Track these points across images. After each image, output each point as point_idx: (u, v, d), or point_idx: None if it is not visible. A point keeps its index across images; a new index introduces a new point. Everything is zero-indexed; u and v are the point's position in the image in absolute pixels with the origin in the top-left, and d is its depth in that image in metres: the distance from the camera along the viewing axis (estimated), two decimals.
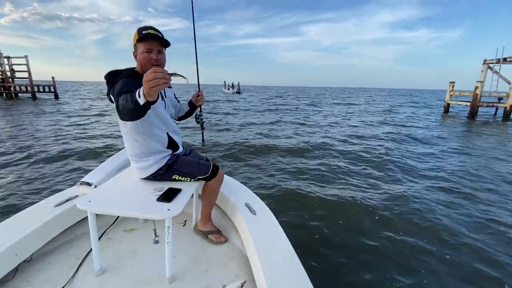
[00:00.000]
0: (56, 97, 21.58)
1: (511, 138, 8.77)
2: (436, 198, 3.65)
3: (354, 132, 9.16)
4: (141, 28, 1.32)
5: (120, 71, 1.36)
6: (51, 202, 1.57)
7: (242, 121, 11.18)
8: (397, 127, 10.54)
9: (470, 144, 7.63)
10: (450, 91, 16.64)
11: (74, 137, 7.20)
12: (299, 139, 7.50)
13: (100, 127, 9.01)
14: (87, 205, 1.15)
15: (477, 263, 2.32)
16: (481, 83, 14.67)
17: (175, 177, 1.45)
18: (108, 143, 6.49)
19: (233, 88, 42.90)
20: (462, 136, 9.05)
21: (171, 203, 1.20)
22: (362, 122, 12.01)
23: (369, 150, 6.41)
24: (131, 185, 1.41)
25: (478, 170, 4.98)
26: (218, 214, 1.82)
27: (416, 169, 5.03)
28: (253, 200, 1.69)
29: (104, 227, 1.65)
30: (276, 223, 1.44)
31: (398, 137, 8.25)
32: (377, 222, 2.97)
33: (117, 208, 1.17)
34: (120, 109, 1.09)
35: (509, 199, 3.68)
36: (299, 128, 9.74)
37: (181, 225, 1.77)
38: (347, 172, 4.66)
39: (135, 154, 1.42)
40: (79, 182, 1.64)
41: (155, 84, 0.91)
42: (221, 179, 1.57)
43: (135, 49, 1.36)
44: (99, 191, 1.31)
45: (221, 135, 7.98)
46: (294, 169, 4.69)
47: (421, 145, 7.37)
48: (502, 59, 14.40)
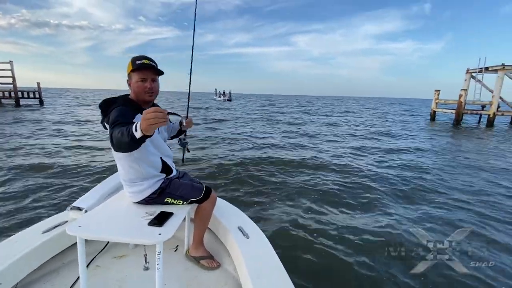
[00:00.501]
0: (41, 104, 20.99)
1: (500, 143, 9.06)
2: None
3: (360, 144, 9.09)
4: (135, 58, 1.35)
5: (115, 99, 1.38)
6: (39, 228, 1.52)
7: (234, 130, 11.02)
8: (391, 138, 10.65)
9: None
10: (435, 99, 17.14)
11: (58, 149, 6.85)
12: (294, 152, 7.19)
13: (86, 139, 8.70)
14: (77, 230, 1.12)
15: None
16: (465, 91, 15.19)
17: (168, 200, 1.44)
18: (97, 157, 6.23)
19: (224, 95, 43.00)
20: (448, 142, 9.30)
21: (162, 227, 1.17)
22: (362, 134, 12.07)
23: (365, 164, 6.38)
24: (122, 210, 1.39)
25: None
26: (210, 238, 1.79)
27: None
28: (246, 223, 1.66)
29: (93, 254, 1.59)
30: (270, 247, 1.42)
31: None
32: (375, 245, 2.71)
33: (107, 233, 1.14)
34: (115, 142, 1.09)
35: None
36: (293, 138, 9.64)
37: (172, 250, 1.73)
38: (344, 191, 4.31)
39: (129, 179, 1.42)
40: (70, 207, 1.60)
41: (155, 122, 0.96)
42: (214, 202, 1.57)
43: (129, 78, 1.39)
44: (90, 216, 1.28)
45: (210, 149, 7.61)
46: (289, 188, 4.35)
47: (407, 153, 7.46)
48: (484, 68, 14.98)
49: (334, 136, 10.04)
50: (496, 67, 14.30)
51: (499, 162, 6.33)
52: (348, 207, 3.62)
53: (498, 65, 14.17)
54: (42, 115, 14.31)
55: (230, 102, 38.77)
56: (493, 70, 14.62)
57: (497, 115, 14.64)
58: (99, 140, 7.94)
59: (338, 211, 3.52)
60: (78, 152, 6.39)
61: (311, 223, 3.17)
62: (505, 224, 3.03)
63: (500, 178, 5.06)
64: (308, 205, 3.65)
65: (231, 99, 41.89)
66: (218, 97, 44.77)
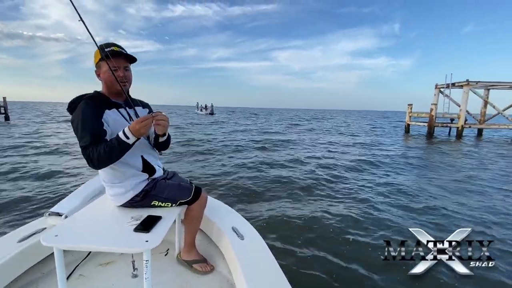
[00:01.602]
0: (6, 119, 19.54)
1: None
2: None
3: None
4: (103, 46, 1.22)
5: (83, 96, 1.26)
6: (14, 237, 1.40)
7: (224, 138, 10.89)
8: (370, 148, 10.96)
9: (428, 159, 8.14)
10: (409, 113, 18.04)
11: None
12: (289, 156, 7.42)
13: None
14: (52, 240, 1.01)
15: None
16: (435, 105, 16.13)
17: (155, 203, 1.34)
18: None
19: (206, 109, 42.66)
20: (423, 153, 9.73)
21: (149, 233, 1.08)
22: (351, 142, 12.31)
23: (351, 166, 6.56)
24: (105, 215, 1.29)
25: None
26: (203, 240, 1.71)
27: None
28: (240, 223, 1.59)
29: (76, 262, 1.46)
30: (266, 248, 1.36)
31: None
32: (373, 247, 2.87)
33: (88, 242, 1.04)
34: (102, 162, 1.11)
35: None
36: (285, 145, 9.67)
37: (163, 254, 1.63)
38: (335, 189, 4.62)
39: (108, 180, 1.32)
40: (48, 212, 1.48)
41: (145, 129, 1.09)
42: (205, 202, 1.47)
43: (97, 68, 1.28)
44: (69, 223, 1.18)
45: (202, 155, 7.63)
46: (281, 188, 4.53)
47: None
48: (451, 84, 16.09)
49: (331, 145, 10.17)
50: (461, 82, 15.42)
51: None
52: (346, 209, 3.77)
53: (463, 81, 15.29)
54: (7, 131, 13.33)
55: (212, 115, 38.55)
56: (459, 85, 15.73)
57: (465, 127, 15.64)
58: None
59: (336, 211, 3.64)
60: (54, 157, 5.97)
61: (310, 223, 3.25)
62: (505, 224, 3.22)
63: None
64: (307, 205, 3.73)
65: (213, 112, 41.63)
66: (199, 111, 44.25)
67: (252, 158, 7.85)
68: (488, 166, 7.33)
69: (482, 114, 17.58)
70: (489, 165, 7.54)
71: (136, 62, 1.34)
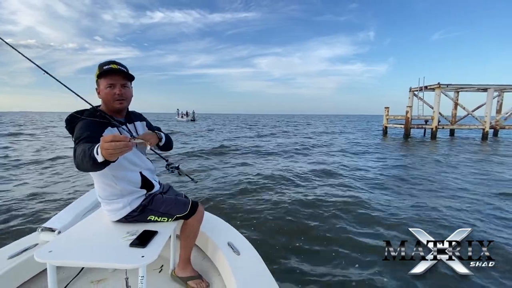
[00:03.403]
0: None
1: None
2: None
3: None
4: (102, 64, 1.25)
5: (81, 112, 1.26)
6: (5, 253, 1.36)
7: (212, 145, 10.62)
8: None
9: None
10: (386, 116, 18.70)
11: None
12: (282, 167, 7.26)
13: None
14: (46, 256, 0.99)
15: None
16: (410, 107, 16.85)
17: (151, 218, 1.34)
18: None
19: (187, 116, 41.94)
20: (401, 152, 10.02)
21: (145, 248, 1.07)
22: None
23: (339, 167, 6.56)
24: (100, 230, 1.27)
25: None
26: (198, 256, 1.68)
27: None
28: (236, 238, 1.57)
29: (68, 279, 1.41)
30: (262, 264, 1.34)
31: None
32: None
33: (82, 258, 1.03)
34: (77, 160, 0.98)
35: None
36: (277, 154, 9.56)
37: (157, 271, 1.59)
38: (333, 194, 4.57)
39: (105, 196, 1.31)
40: (40, 228, 1.45)
41: (114, 152, 0.85)
42: (201, 217, 1.47)
43: (97, 85, 1.28)
44: (63, 238, 1.16)
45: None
46: (280, 200, 4.34)
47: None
48: (424, 87, 16.92)
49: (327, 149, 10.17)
50: (433, 85, 16.25)
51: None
52: (343, 210, 3.79)
53: (435, 84, 16.12)
54: None
55: (193, 122, 37.92)
56: (431, 88, 16.57)
57: (439, 128, 16.44)
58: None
59: (335, 214, 3.68)
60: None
61: (308, 231, 3.19)
62: (505, 224, 3.31)
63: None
64: (304, 214, 3.66)
65: (194, 119, 41.03)
66: (180, 118, 43.26)
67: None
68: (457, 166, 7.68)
69: (453, 115, 18.61)
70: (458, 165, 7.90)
71: (134, 80, 1.34)
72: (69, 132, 1.22)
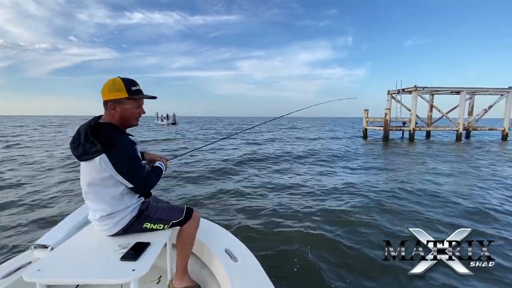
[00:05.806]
0: None
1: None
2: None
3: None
4: (128, 83, 1.26)
5: (107, 126, 1.24)
6: None
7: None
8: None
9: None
10: (365, 118, 19.22)
11: None
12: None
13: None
14: (35, 275, 0.98)
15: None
16: (388, 110, 17.43)
17: (147, 226, 1.34)
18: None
19: (168, 119, 40.72)
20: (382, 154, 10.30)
21: (137, 261, 1.06)
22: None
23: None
24: (92, 245, 1.25)
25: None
26: (195, 264, 1.66)
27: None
28: (233, 244, 1.56)
29: None
30: (261, 271, 1.33)
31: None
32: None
33: (72, 275, 1.01)
34: (153, 182, 1.35)
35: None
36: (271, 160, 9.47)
37: (154, 282, 1.59)
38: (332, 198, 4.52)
39: (112, 210, 1.28)
40: (33, 245, 1.43)
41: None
42: (198, 222, 1.47)
43: (116, 103, 1.25)
44: (53, 256, 1.15)
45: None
46: (278, 204, 4.24)
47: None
48: (401, 90, 17.58)
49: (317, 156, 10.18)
50: (410, 88, 16.93)
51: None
52: (343, 212, 3.78)
53: (411, 87, 16.81)
54: None
55: (174, 125, 37.01)
56: (408, 91, 17.26)
57: (416, 130, 17.12)
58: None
59: (334, 215, 3.67)
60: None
61: (307, 233, 3.14)
62: (505, 224, 3.38)
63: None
64: (302, 216, 3.63)
65: (175, 122, 39.95)
66: (160, 121, 41.85)
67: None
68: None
69: (429, 117, 19.49)
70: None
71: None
72: (97, 142, 1.17)
